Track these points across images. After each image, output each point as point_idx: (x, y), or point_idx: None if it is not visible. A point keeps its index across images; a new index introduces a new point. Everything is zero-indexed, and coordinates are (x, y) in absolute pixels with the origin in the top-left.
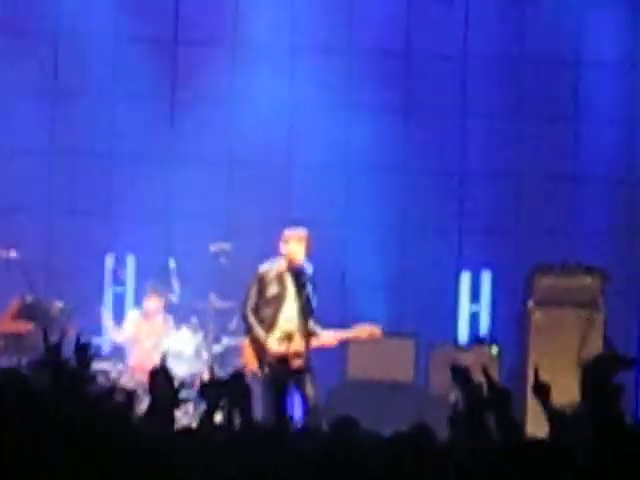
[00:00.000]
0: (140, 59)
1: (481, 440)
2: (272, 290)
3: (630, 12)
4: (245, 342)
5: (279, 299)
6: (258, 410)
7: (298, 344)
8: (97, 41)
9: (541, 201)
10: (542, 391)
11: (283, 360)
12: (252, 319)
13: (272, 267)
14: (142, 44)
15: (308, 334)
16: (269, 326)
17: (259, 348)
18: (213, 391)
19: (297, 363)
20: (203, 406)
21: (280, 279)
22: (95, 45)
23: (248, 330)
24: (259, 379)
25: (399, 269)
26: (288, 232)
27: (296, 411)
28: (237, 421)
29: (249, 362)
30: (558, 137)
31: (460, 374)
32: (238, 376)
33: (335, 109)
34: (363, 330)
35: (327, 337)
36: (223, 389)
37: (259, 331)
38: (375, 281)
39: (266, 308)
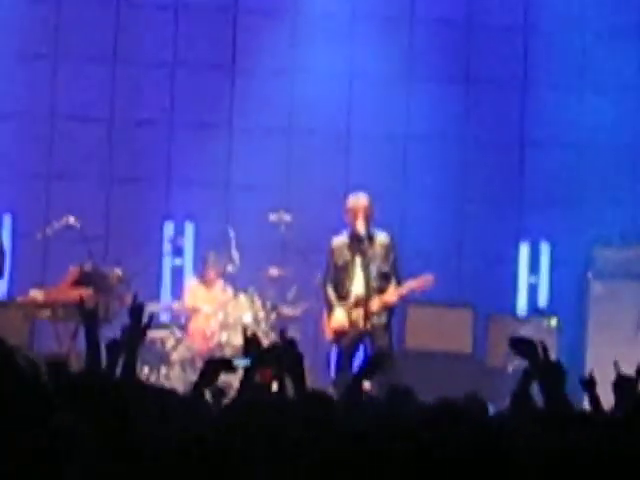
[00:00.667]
0: (201, 28)
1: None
2: (341, 259)
3: None
4: (325, 313)
5: (347, 267)
6: None
7: (364, 308)
8: (157, 9)
9: (602, 172)
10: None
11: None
12: (328, 290)
13: (341, 237)
14: (202, 12)
15: (369, 299)
16: (344, 295)
17: (330, 318)
18: (267, 357)
19: (364, 326)
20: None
21: (349, 247)
22: (155, 13)
23: (325, 301)
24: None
25: (457, 239)
26: (348, 201)
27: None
28: (290, 389)
29: (325, 331)
30: (629, 107)
31: (520, 347)
32: (291, 343)
33: (394, 79)
34: (417, 281)
35: (388, 294)
36: (275, 355)
37: (332, 300)
38: (433, 251)
39: (339, 278)
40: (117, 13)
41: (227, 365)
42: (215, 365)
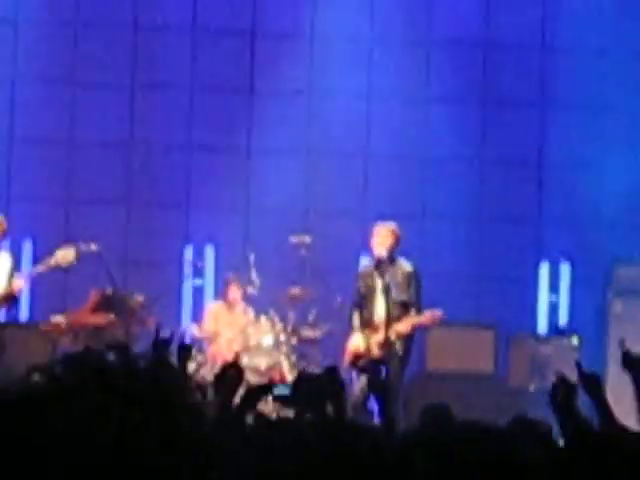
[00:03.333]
0: (218, 51)
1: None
2: (365, 287)
3: None
4: (349, 338)
5: (370, 293)
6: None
7: (381, 335)
8: (175, 33)
9: (622, 194)
10: (633, 365)
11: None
12: (354, 316)
13: (366, 263)
14: (220, 36)
15: (388, 325)
16: (367, 321)
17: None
18: (307, 386)
19: (377, 353)
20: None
21: (370, 274)
22: (173, 37)
23: (350, 326)
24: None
25: (478, 260)
26: (374, 227)
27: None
28: (331, 416)
29: (345, 357)
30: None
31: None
32: (332, 371)
33: (413, 100)
34: (425, 317)
35: (401, 324)
36: (317, 384)
37: (353, 325)
38: (454, 272)
39: (363, 304)
40: (134, 39)
41: (267, 391)
42: (256, 391)
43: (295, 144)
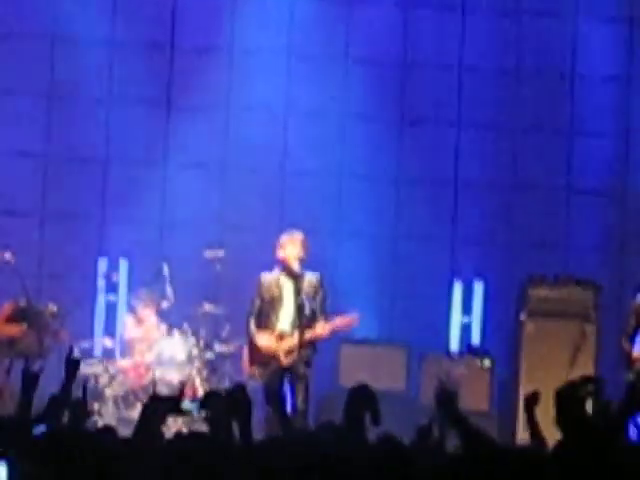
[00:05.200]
0: (136, 64)
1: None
2: (269, 294)
3: (625, 26)
4: (245, 348)
5: (276, 302)
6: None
7: (290, 342)
8: (93, 45)
9: (534, 212)
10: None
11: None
12: (251, 324)
13: (272, 273)
14: (138, 48)
15: (302, 334)
16: (266, 328)
17: (252, 348)
18: (215, 402)
19: (286, 360)
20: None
21: (277, 283)
22: (91, 49)
23: (247, 335)
24: (257, 381)
25: (391, 278)
26: (283, 236)
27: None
28: (237, 432)
29: (245, 366)
30: (551, 150)
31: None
32: (239, 388)
33: (329, 116)
34: (344, 319)
35: (319, 327)
36: (224, 401)
37: (253, 330)
38: (367, 290)
39: (265, 312)
40: (51, 49)
41: (174, 408)
42: (161, 405)
43: (211, 158)
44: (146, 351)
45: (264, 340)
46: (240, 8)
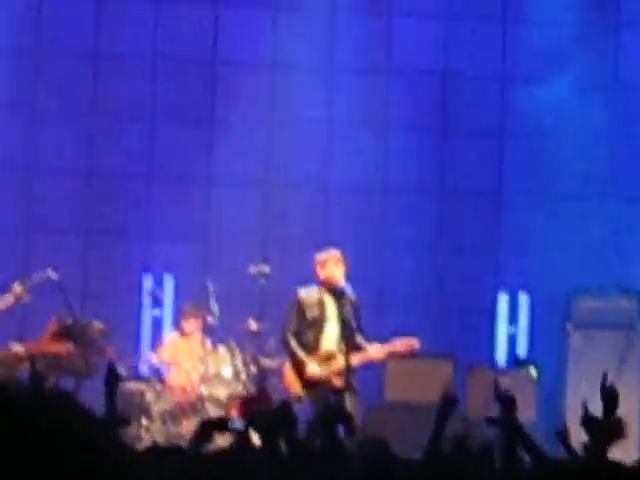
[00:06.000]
0: (179, 80)
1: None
2: (312, 314)
3: None
4: (287, 366)
5: (320, 322)
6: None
7: (339, 363)
8: (136, 60)
9: (579, 223)
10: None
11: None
12: (293, 343)
13: (311, 291)
14: (181, 64)
15: (349, 353)
16: (311, 349)
17: (301, 371)
18: (262, 420)
19: (338, 382)
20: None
21: (320, 302)
22: (134, 64)
23: (289, 354)
24: (301, 402)
25: (436, 290)
26: (323, 255)
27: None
28: (283, 448)
29: (291, 385)
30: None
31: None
32: (286, 405)
33: (372, 130)
34: (403, 343)
35: (374, 350)
36: (271, 418)
37: (300, 354)
38: (413, 302)
39: (307, 332)
40: (95, 67)
41: (222, 426)
42: (210, 426)
43: (254, 174)
44: (192, 367)
45: (314, 368)
46: (281, 23)
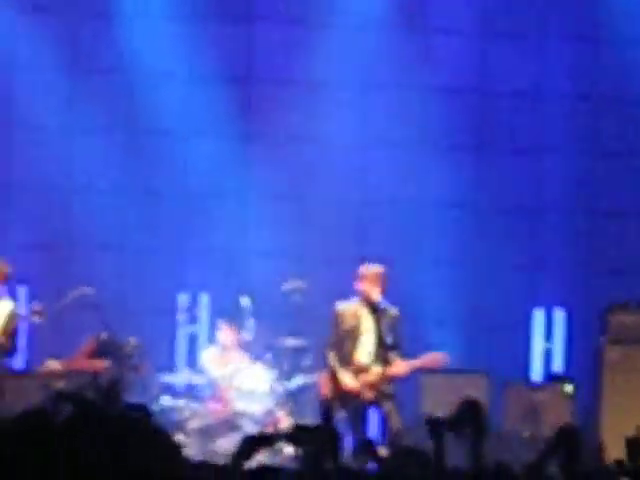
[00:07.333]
0: (215, 97)
1: None
2: (348, 326)
3: None
4: (324, 377)
5: (355, 334)
6: None
7: (371, 376)
8: (170, 79)
9: (615, 238)
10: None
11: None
12: (330, 355)
13: (349, 304)
14: (217, 82)
15: (384, 366)
16: (346, 362)
17: (335, 383)
18: (305, 436)
19: (369, 395)
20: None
21: (356, 315)
22: (168, 83)
23: (326, 365)
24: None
25: (472, 306)
26: (364, 269)
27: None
28: (327, 465)
29: (326, 396)
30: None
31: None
32: (328, 423)
33: (408, 145)
34: (430, 358)
35: (399, 366)
36: (314, 434)
37: (334, 365)
38: (448, 317)
39: (344, 344)
40: (130, 85)
41: (266, 442)
42: (254, 441)
43: (290, 189)
44: (228, 383)
45: (347, 380)
46: (316, 41)
